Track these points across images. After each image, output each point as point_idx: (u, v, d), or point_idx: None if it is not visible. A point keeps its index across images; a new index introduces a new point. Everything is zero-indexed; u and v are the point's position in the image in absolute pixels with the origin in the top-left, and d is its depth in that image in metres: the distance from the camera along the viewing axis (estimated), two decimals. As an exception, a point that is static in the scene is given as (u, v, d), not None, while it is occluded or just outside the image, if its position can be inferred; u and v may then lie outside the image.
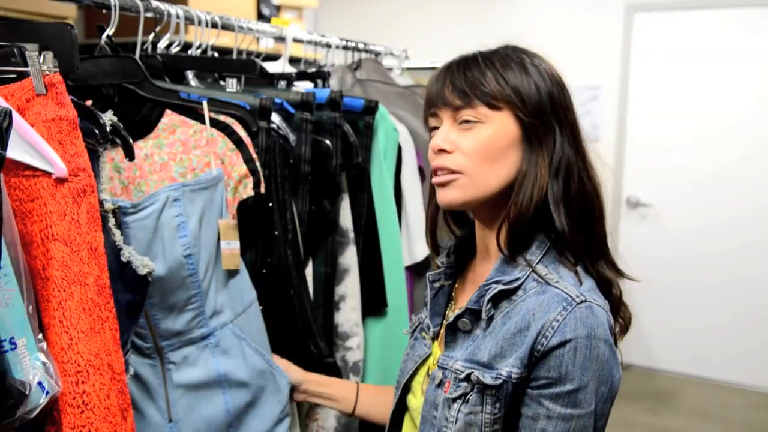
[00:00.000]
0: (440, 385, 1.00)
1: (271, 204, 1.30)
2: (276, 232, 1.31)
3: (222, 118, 1.23)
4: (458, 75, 0.99)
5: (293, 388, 1.29)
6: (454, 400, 0.96)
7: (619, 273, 1.03)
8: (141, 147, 1.20)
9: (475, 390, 0.94)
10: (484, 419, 0.93)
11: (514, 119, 0.97)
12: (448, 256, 1.14)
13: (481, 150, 0.96)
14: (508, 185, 0.98)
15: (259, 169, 1.23)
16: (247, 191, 1.22)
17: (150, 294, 1.06)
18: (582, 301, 0.91)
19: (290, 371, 1.29)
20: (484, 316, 0.97)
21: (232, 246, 1.17)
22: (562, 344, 0.88)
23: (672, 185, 4.11)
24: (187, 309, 1.11)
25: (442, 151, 0.98)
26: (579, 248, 0.98)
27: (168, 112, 1.22)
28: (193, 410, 1.14)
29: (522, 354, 0.91)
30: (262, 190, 1.25)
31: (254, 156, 1.23)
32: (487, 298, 0.97)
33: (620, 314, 1.03)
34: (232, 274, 1.20)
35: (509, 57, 0.99)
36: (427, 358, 1.09)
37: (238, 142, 1.22)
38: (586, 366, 0.88)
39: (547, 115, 0.98)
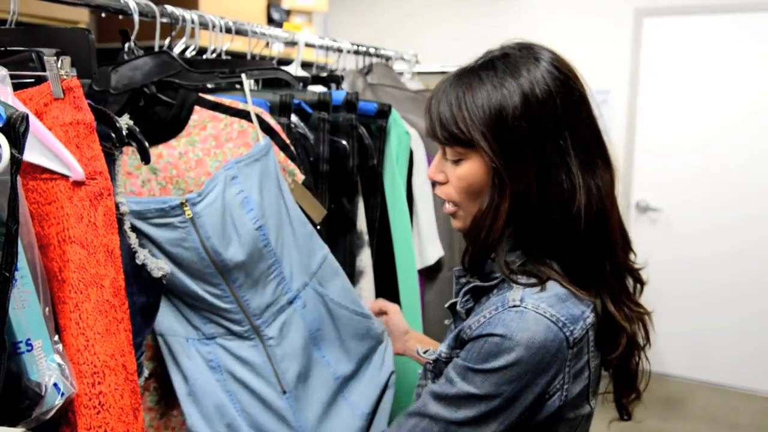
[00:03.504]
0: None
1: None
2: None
3: (250, 108, 1.24)
4: (433, 111, 0.97)
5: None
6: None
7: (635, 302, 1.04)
8: (174, 146, 1.21)
9: (426, 367, 1.06)
10: None
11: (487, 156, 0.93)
12: None
13: (465, 188, 0.98)
14: None
15: (295, 153, 1.28)
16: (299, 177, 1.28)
17: (235, 277, 1.12)
18: (514, 306, 0.90)
19: (389, 323, 1.38)
20: (458, 308, 1.03)
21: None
22: (479, 337, 0.91)
23: (682, 190, 4.09)
24: (270, 279, 1.16)
25: (437, 181, 1.01)
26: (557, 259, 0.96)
27: (197, 108, 1.23)
28: (301, 377, 1.20)
29: (450, 337, 0.98)
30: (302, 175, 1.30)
31: (287, 141, 1.26)
32: (462, 291, 1.02)
33: (619, 333, 1.00)
34: (300, 235, 1.24)
35: (493, 74, 0.93)
36: None
37: (268, 130, 1.24)
38: (489, 361, 0.89)
39: (519, 146, 0.91)
